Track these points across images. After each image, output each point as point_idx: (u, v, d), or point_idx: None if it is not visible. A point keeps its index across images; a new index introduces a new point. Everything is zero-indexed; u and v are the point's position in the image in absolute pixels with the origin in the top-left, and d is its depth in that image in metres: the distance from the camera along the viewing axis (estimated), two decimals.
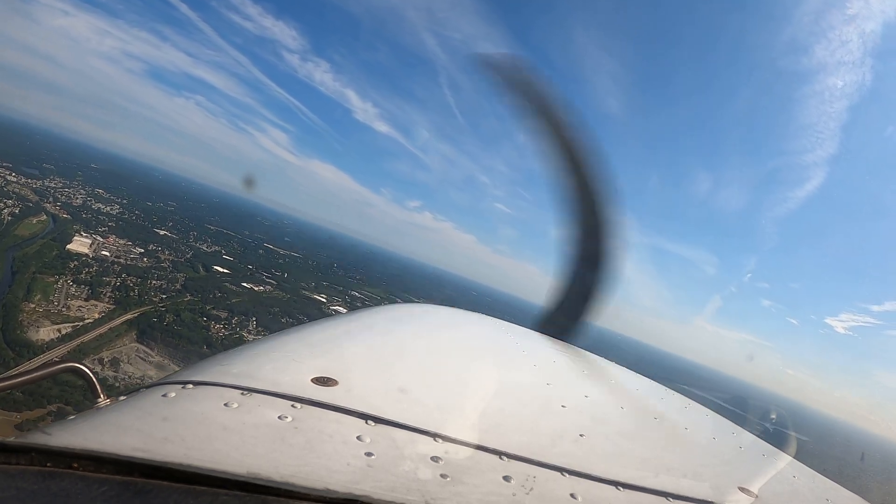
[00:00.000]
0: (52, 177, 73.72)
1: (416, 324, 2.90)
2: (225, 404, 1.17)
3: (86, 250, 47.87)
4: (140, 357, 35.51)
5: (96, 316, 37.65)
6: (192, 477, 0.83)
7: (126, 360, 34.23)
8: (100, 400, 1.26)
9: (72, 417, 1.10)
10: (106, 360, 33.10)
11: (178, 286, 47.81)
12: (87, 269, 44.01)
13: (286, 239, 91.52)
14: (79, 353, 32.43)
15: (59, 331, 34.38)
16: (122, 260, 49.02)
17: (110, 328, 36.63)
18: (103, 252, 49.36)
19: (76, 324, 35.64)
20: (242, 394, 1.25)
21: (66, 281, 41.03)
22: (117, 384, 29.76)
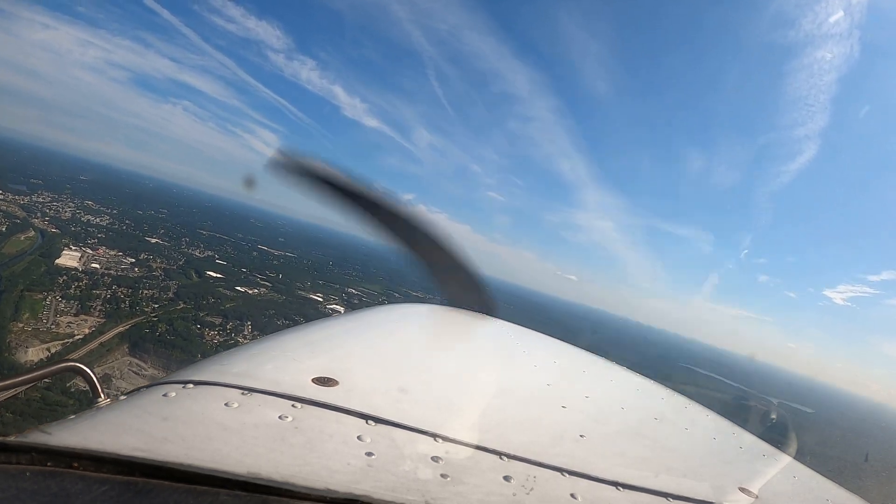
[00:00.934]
0: (40, 191, 72.71)
1: (417, 324, 2.90)
2: (225, 404, 1.17)
3: (75, 264, 46.98)
4: (133, 371, 34.78)
5: (86, 331, 36.84)
6: (193, 477, 0.82)
7: (119, 376, 33.48)
8: (100, 400, 1.25)
9: (72, 417, 1.09)
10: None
11: (170, 294, 46.90)
12: (76, 284, 43.13)
13: (280, 239, 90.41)
14: None
15: (48, 350, 33.55)
16: (112, 271, 48.14)
17: (101, 343, 35.86)
18: (93, 264, 48.47)
19: (66, 341, 34.86)
20: (243, 393, 1.24)
21: (54, 297, 40.19)
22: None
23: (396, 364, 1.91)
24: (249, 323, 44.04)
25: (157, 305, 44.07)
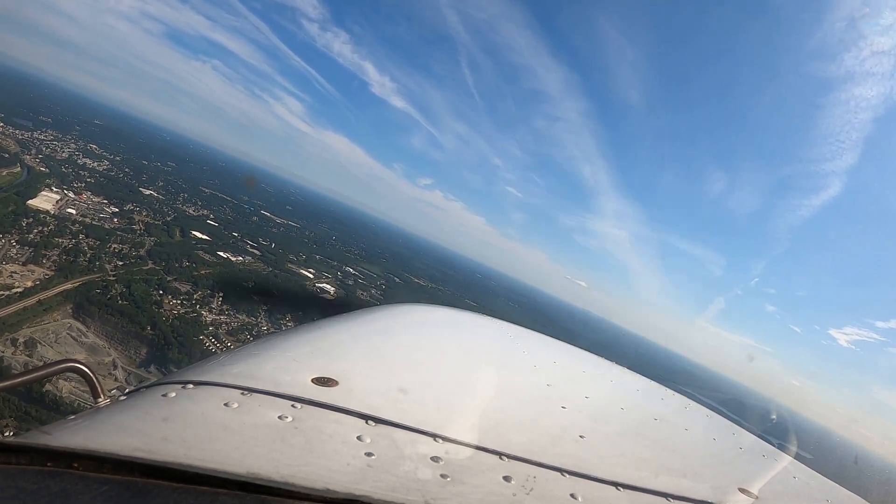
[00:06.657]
0: (45, 129, 69.18)
1: (417, 324, 2.90)
2: (225, 404, 1.18)
3: (49, 207, 42.24)
4: (71, 336, 29.70)
5: (29, 284, 31.87)
6: (192, 477, 0.83)
7: (53, 341, 28.42)
8: (100, 400, 1.26)
9: (72, 417, 1.09)
10: (21, 340, 27.20)
11: (141, 252, 41.85)
12: (39, 228, 38.35)
13: (287, 207, 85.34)
14: None
15: None
16: (87, 219, 43.31)
17: (39, 300, 30.79)
18: (69, 209, 43.75)
19: (0, 293, 29.86)
20: (243, 394, 1.25)
21: (9, 241, 35.41)
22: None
23: (396, 364, 1.90)
24: (221, 294, 38.66)
25: (121, 263, 38.92)
